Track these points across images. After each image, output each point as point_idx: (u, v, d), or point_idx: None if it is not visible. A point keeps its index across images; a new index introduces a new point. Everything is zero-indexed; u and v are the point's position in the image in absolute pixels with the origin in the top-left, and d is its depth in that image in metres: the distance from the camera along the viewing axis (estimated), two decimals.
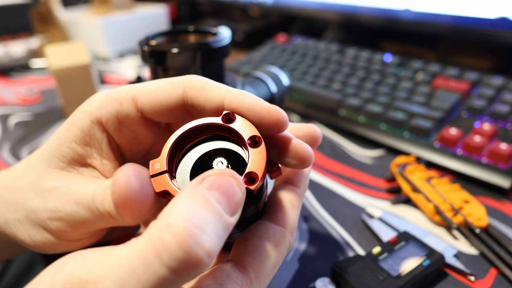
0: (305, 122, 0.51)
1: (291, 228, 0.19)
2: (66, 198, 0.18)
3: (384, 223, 0.31)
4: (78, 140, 0.19)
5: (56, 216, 0.18)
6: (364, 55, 0.58)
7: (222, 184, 0.14)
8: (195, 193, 0.14)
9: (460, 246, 0.29)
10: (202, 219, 0.13)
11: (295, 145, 0.18)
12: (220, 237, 0.13)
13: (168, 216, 0.13)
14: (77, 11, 0.99)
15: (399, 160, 0.38)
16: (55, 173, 0.19)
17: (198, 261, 0.12)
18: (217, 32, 0.34)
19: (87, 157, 0.20)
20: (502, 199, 0.35)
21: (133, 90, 0.20)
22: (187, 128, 0.18)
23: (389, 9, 0.59)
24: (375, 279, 0.24)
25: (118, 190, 0.15)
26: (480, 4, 0.50)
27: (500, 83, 0.45)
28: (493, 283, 0.26)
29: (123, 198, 0.15)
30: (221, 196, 0.14)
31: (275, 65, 0.63)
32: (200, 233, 0.12)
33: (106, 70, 0.77)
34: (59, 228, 0.19)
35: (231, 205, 0.14)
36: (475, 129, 0.40)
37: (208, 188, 0.14)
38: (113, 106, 0.19)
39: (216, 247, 0.13)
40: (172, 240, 0.12)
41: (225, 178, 0.15)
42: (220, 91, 0.18)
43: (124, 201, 0.15)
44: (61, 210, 0.18)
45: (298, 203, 0.20)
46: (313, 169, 0.41)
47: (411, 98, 0.47)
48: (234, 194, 0.15)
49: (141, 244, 0.13)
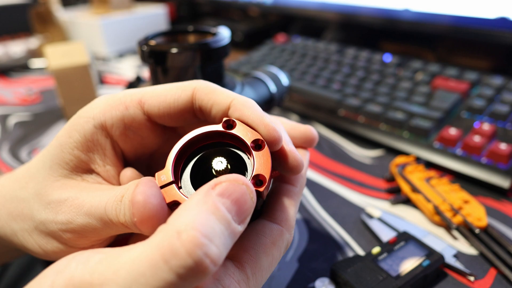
0: (304, 122, 0.51)
1: (289, 226, 0.19)
2: (76, 210, 0.18)
3: (383, 223, 0.31)
4: (80, 146, 0.19)
5: (68, 228, 0.18)
6: (364, 55, 0.58)
7: (234, 192, 0.15)
8: (206, 200, 0.14)
9: (460, 246, 0.29)
10: (211, 228, 0.13)
11: (287, 154, 0.18)
12: (227, 247, 0.14)
13: (178, 222, 0.13)
14: (76, 11, 0.99)
15: (399, 160, 0.38)
16: (59, 181, 0.19)
17: (204, 270, 0.13)
18: (217, 32, 0.34)
19: (90, 163, 0.20)
20: (502, 199, 0.35)
21: (139, 94, 0.20)
22: (189, 137, 0.18)
23: (389, 9, 0.59)
24: (374, 279, 0.24)
25: (140, 211, 0.16)
26: (479, 4, 0.50)
27: (499, 83, 0.45)
28: (493, 283, 0.26)
29: (145, 217, 0.16)
30: (232, 204, 0.14)
31: (275, 65, 0.63)
32: (208, 243, 0.13)
33: (106, 70, 0.77)
34: (71, 239, 0.19)
35: (241, 214, 0.15)
36: (475, 129, 0.40)
37: (220, 195, 0.14)
38: (119, 110, 0.19)
39: (222, 256, 0.13)
40: (182, 248, 0.12)
41: (238, 185, 0.15)
42: (228, 94, 0.19)
43: (146, 219, 0.16)
44: (72, 222, 0.18)
45: (296, 202, 0.20)
46: (313, 169, 0.41)
47: (411, 98, 0.47)
48: (245, 202, 0.15)
49: (149, 249, 0.13)
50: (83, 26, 0.88)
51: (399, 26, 0.59)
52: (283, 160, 0.19)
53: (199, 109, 0.19)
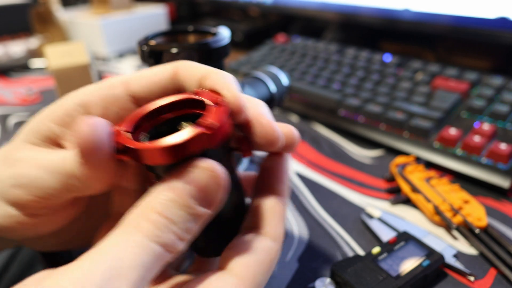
0: (304, 122, 0.52)
1: (280, 239, 0.19)
2: (32, 164, 0.18)
3: (383, 223, 0.31)
4: (57, 119, 0.19)
5: (18, 182, 0.18)
6: (364, 55, 0.58)
7: (195, 178, 0.15)
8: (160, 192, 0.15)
9: (460, 246, 0.30)
10: (172, 213, 0.15)
11: (263, 124, 0.18)
12: (190, 230, 0.15)
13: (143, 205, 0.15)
14: (76, 11, 0.99)
15: (399, 160, 0.38)
16: (27, 146, 0.19)
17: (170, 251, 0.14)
18: (217, 32, 0.34)
19: (63, 138, 0.20)
20: (502, 199, 0.35)
21: (125, 76, 0.20)
22: (156, 105, 0.18)
23: (389, 9, 0.59)
24: (374, 279, 0.24)
25: (85, 131, 0.15)
26: (479, 4, 0.50)
27: (499, 83, 0.45)
28: (493, 283, 0.26)
29: (88, 146, 0.15)
30: (196, 191, 0.15)
31: (275, 65, 0.63)
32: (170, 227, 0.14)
33: (106, 70, 0.77)
34: (20, 197, 0.18)
35: (204, 198, 0.15)
36: (475, 129, 0.40)
37: (182, 181, 0.15)
38: (102, 89, 0.20)
39: (184, 239, 0.15)
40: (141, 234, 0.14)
41: (198, 171, 0.15)
42: (205, 68, 0.19)
43: (89, 150, 0.15)
44: (24, 176, 0.18)
45: (284, 213, 0.20)
46: (313, 169, 0.41)
47: (411, 98, 0.47)
48: (207, 186, 0.15)
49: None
50: (83, 26, 0.88)
51: (399, 26, 0.59)
52: (259, 130, 0.18)
53: (182, 86, 0.20)
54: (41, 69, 0.79)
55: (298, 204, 0.35)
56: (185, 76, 0.19)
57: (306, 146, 0.46)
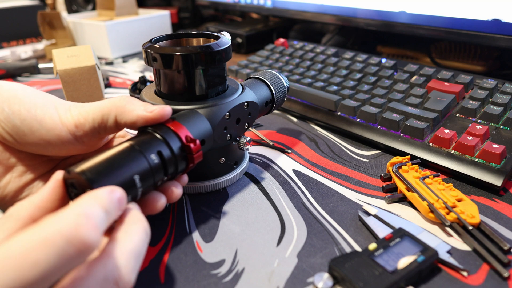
0: (303, 123, 0.52)
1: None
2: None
3: (380, 220, 0.32)
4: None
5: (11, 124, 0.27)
6: (360, 58, 0.59)
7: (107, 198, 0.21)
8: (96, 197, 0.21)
9: (454, 242, 0.30)
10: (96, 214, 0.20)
11: None
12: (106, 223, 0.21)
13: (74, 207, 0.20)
14: (81, 17, 1.00)
15: (395, 160, 0.39)
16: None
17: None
18: (219, 36, 0.35)
19: None
20: (494, 197, 0.36)
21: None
22: None
23: (385, 11, 0.61)
24: (371, 274, 0.25)
25: None
26: (473, 6, 0.51)
27: (492, 85, 0.46)
28: (485, 278, 0.27)
29: None
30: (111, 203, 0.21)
31: (274, 67, 0.64)
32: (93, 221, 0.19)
33: (111, 73, 0.78)
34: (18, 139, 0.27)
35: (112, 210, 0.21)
36: (468, 130, 0.41)
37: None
38: None
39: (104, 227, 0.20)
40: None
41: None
42: None
43: None
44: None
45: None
46: (312, 168, 0.42)
47: (406, 100, 0.48)
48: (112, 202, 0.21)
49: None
50: (89, 29, 0.89)
51: (396, 28, 0.60)
52: None
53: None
54: (48, 72, 0.79)
55: (297, 202, 0.36)
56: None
57: (305, 145, 0.47)
